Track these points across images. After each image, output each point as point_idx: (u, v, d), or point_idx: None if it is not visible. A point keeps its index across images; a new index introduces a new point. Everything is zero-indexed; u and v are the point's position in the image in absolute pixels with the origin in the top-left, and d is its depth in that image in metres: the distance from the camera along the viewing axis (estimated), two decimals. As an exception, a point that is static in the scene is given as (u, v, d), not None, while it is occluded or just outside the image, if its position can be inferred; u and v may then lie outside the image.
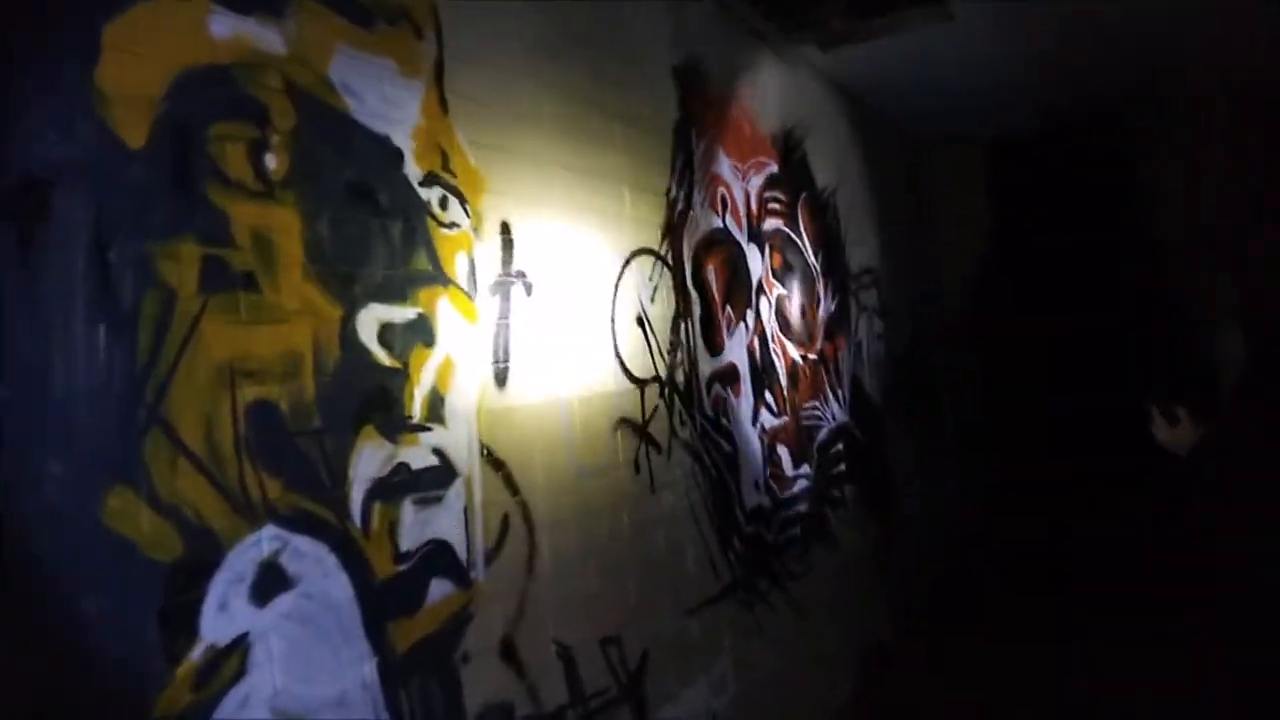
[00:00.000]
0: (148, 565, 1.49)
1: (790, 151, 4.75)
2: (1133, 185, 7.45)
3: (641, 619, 2.88)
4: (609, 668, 2.69)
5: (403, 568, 1.98)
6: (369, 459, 1.92)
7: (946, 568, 6.91)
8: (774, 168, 4.49)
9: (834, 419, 4.96)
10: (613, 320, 2.93)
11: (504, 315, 2.41)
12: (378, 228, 2.01)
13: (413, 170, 2.14)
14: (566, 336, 2.67)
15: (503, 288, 2.41)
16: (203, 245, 1.62)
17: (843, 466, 5.03)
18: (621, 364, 2.95)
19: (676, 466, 3.23)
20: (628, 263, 3.06)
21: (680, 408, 3.31)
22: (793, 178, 4.75)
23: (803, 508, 4.37)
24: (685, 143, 3.59)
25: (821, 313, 4.96)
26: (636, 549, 2.92)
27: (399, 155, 2.10)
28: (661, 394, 3.19)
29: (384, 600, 1.92)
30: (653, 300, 3.20)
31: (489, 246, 2.38)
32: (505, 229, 2.44)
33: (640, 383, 3.06)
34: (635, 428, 3.00)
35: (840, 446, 5.02)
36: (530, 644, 2.35)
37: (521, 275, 2.49)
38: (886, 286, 6.35)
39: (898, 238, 6.89)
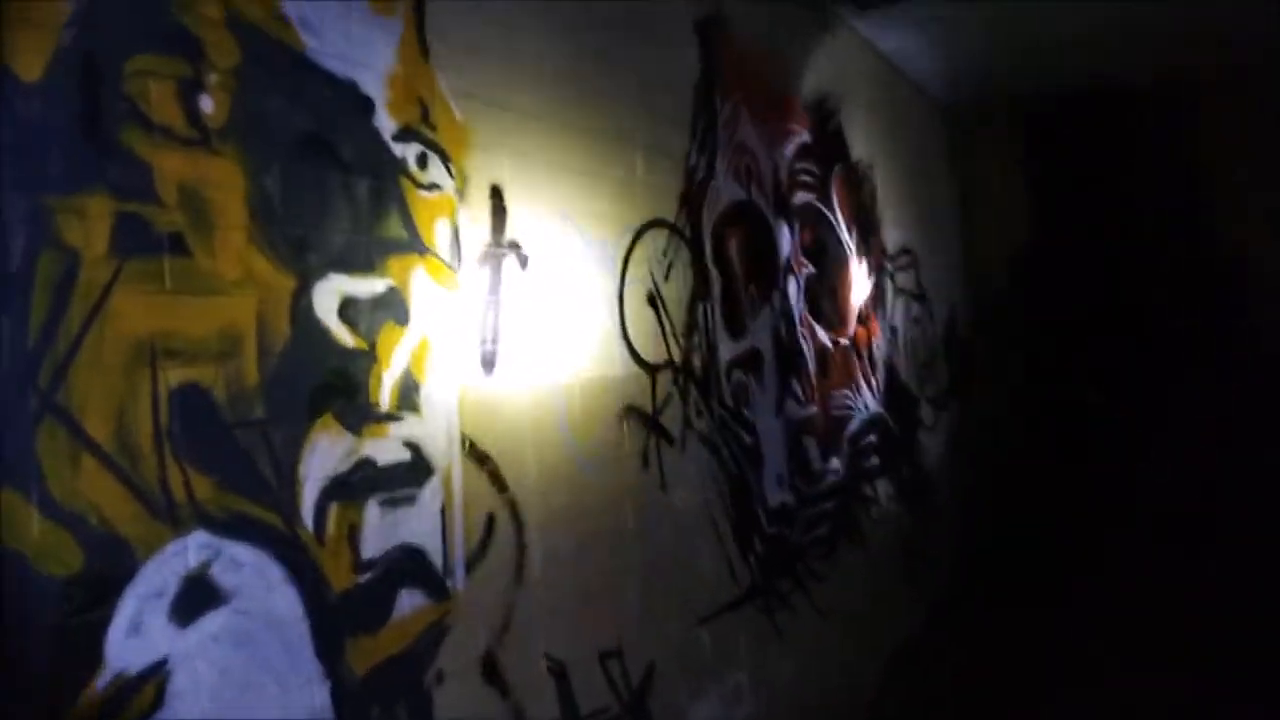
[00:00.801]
0: (39, 581, 1.25)
1: (824, 121, 4.43)
2: (1183, 156, 7.01)
3: (647, 629, 2.62)
4: (609, 684, 2.43)
5: (365, 578, 1.73)
6: (325, 454, 1.66)
7: (977, 563, 6.59)
8: (806, 137, 4.18)
9: (867, 409, 4.66)
10: (620, 299, 2.66)
11: (493, 291, 2.14)
12: (340, 186, 1.75)
13: (385, 122, 1.87)
14: (567, 316, 2.40)
15: (492, 259, 2.14)
16: (116, 200, 1.37)
17: (875, 460, 4.73)
18: (630, 347, 2.68)
19: (691, 460, 2.95)
20: (639, 236, 2.78)
21: (696, 396, 3.03)
22: (826, 149, 4.43)
23: (831, 505, 4.09)
24: (708, 104, 3.28)
25: (855, 295, 4.64)
26: (643, 552, 2.65)
27: (367, 104, 1.83)
28: (675, 381, 2.91)
29: (341, 615, 1.67)
30: (667, 278, 2.92)
31: (476, 213, 2.11)
32: (496, 193, 2.17)
33: (651, 368, 2.78)
34: (644, 417, 2.73)
35: (873, 438, 4.72)
36: (517, 660, 2.10)
37: (515, 246, 2.22)
38: (925, 268, 6.01)
39: (937, 216, 6.54)
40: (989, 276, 7.48)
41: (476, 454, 2.04)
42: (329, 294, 1.69)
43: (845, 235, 4.57)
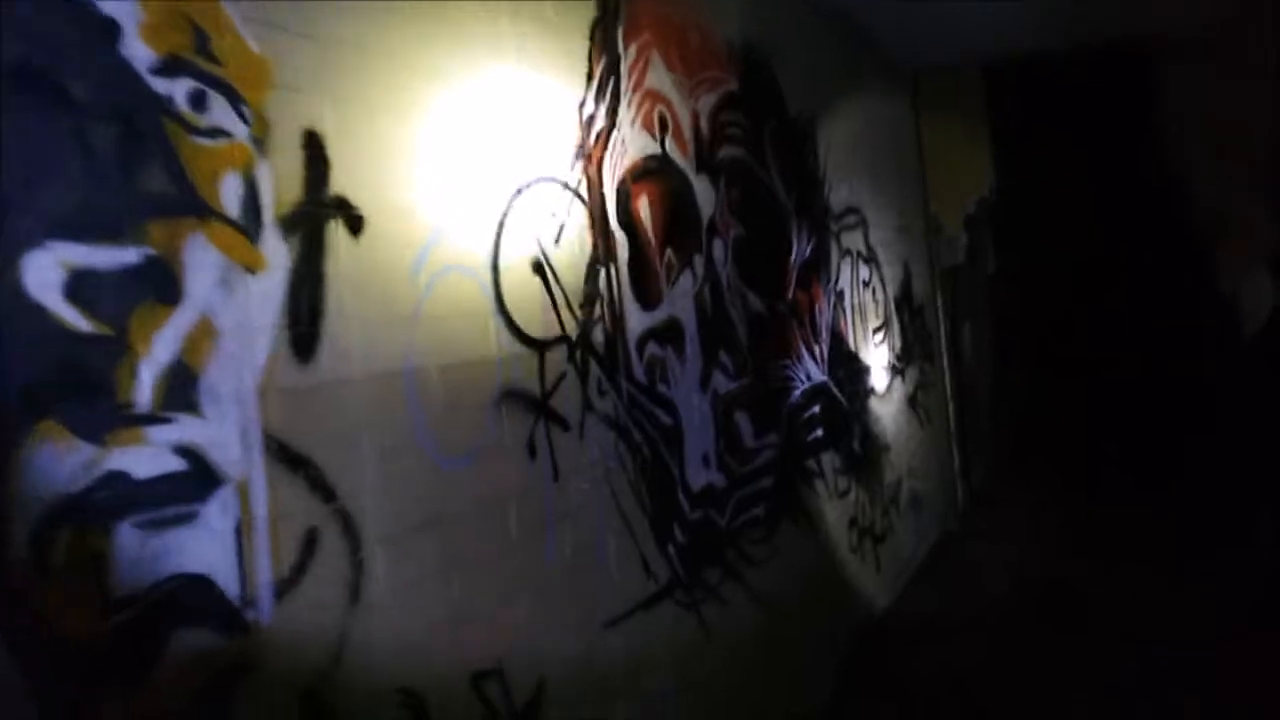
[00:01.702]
0: None
1: (754, 70, 4.06)
2: (1154, 112, 6.73)
3: (535, 641, 2.30)
4: (486, 710, 2.11)
5: (119, 619, 1.39)
6: (48, 469, 1.31)
7: (943, 538, 6.35)
8: (732, 86, 3.82)
9: (809, 378, 4.35)
10: (495, 268, 2.30)
11: (311, 260, 1.78)
12: (68, 131, 1.38)
13: (139, 51, 1.49)
14: (417, 288, 2.05)
15: (309, 222, 1.79)
16: None
17: (819, 432, 4.43)
18: (509, 322, 2.33)
19: (592, 446, 2.62)
20: (519, 194, 2.42)
21: (599, 374, 2.69)
22: (757, 101, 4.07)
23: (767, 482, 3.78)
24: (609, 45, 2.92)
25: (794, 257, 4.31)
26: (530, 554, 2.33)
27: (109, 28, 1.46)
28: (571, 358, 2.57)
29: (80, 671, 1.33)
30: (558, 242, 2.57)
31: (285, 164, 1.75)
32: (313, 142, 1.81)
33: (539, 345, 2.44)
34: (530, 401, 2.39)
35: (816, 409, 4.41)
36: (354, 694, 1.77)
37: (342, 206, 1.86)
38: (875, 228, 5.68)
39: (889, 174, 6.21)
40: (948, 236, 7.19)
41: (289, 458, 1.69)
42: (48, 267, 1.33)
43: (782, 193, 4.23)
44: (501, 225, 2.34)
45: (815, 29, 4.94)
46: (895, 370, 5.80)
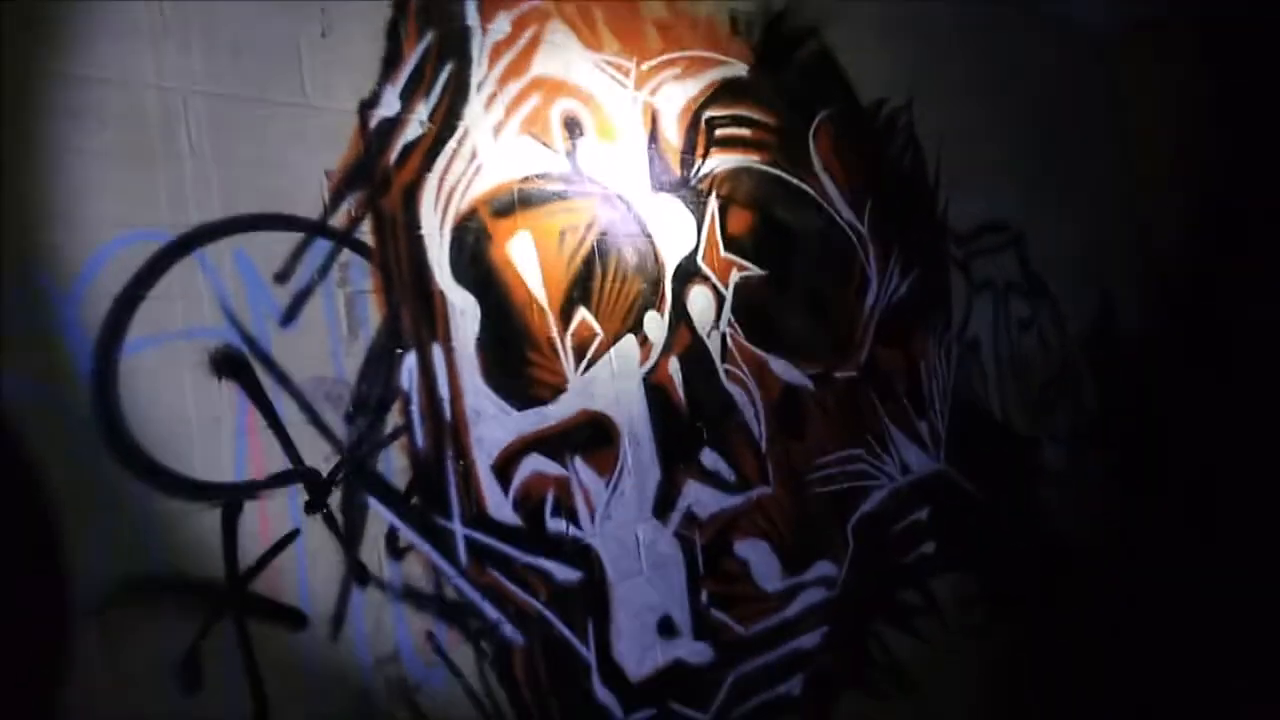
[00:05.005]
0: None
1: (785, 46, 2.91)
2: None
3: None
4: None
5: None
6: None
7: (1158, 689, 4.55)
8: (736, 69, 2.69)
9: (906, 470, 3.03)
10: (100, 372, 1.38)
11: None
12: None
13: None
14: None
15: None
16: None
17: (928, 547, 3.08)
18: (136, 459, 1.39)
19: (360, 650, 1.61)
20: (186, 247, 1.50)
21: (392, 521, 1.69)
22: (792, 87, 2.90)
23: (812, 640, 2.53)
24: (439, 17, 1.95)
25: (872, 300, 3.05)
26: None
27: None
28: (315, 504, 1.59)
29: None
30: (291, 319, 1.61)
31: None
32: None
33: (227, 492, 1.48)
34: (199, 591, 1.43)
35: (923, 514, 3.07)
36: None
37: None
38: (1042, 245, 4.20)
39: (1069, 170, 4.67)
40: (1158, 254, 5.40)
41: None
42: None
43: (846, 212, 3.00)
44: (129, 301, 1.42)
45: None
46: (1084, 439, 4.22)
